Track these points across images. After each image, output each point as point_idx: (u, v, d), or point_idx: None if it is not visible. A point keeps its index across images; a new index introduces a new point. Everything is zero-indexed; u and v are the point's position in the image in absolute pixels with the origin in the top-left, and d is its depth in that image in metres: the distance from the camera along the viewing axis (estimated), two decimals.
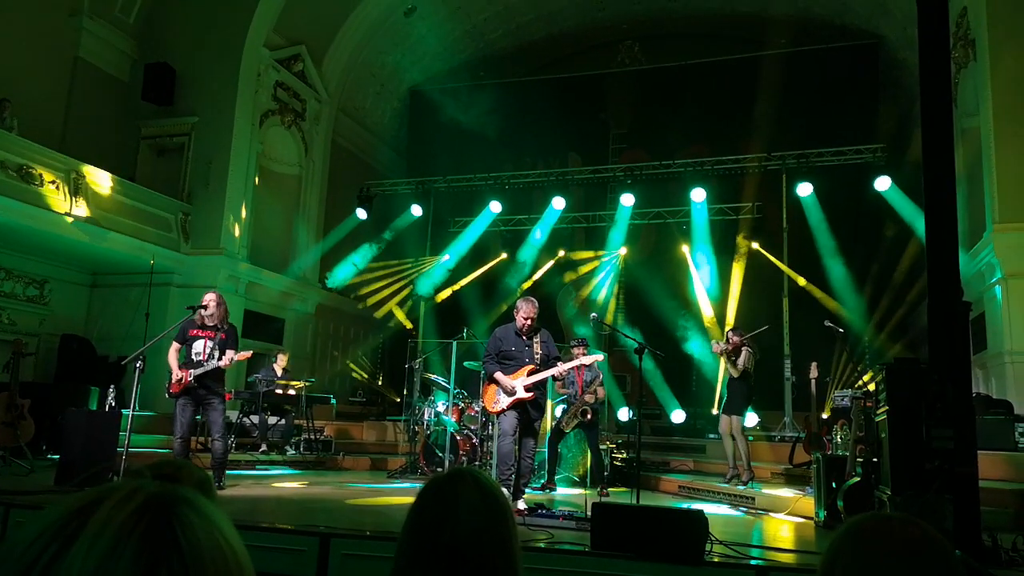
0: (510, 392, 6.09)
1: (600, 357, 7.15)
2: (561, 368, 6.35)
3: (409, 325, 14.69)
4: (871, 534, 1.10)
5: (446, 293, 14.54)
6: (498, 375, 6.16)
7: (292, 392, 10.41)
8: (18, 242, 10.40)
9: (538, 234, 13.89)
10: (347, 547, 4.19)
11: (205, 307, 6.77)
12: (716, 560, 4.00)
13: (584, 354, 7.40)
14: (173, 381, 6.70)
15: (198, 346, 6.74)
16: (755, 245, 12.72)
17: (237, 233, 12.41)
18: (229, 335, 6.87)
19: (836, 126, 12.79)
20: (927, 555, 1.05)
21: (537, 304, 6.38)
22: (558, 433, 8.53)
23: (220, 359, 6.69)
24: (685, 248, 13.23)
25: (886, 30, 13.33)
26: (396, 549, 1.31)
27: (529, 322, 6.24)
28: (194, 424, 7.19)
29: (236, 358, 6.85)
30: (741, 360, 8.23)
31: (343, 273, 14.31)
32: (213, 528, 0.64)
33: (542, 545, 4.35)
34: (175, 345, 6.82)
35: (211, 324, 6.81)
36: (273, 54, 13.17)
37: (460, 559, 1.25)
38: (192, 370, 6.64)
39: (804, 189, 11.88)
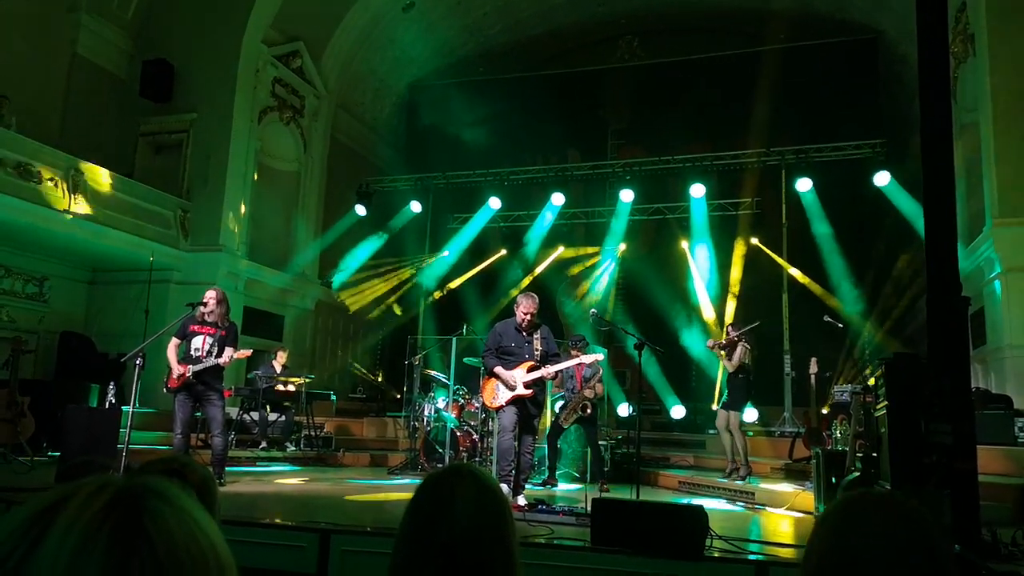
0: (511, 386, 6.09)
1: (600, 356, 7.15)
2: (559, 367, 6.36)
3: (399, 311, 14.73)
4: (852, 510, 1.11)
5: (451, 285, 14.55)
6: (498, 369, 6.17)
7: (292, 388, 10.41)
8: (17, 239, 10.39)
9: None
10: (347, 543, 4.20)
11: (205, 304, 6.77)
12: (716, 555, 4.01)
13: (581, 354, 7.41)
14: (172, 376, 6.70)
15: (197, 342, 6.75)
16: (754, 241, 12.72)
17: (236, 230, 12.40)
18: (229, 333, 6.89)
19: (835, 121, 12.78)
20: (906, 533, 1.05)
21: (537, 300, 6.39)
22: (557, 429, 8.54)
23: (219, 356, 6.69)
24: (684, 244, 13.23)
25: (885, 24, 13.32)
26: (394, 545, 1.31)
27: (529, 317, 6.25)
28: (194, 420, 7.19)
29: (236, 356, 6.88)
30: (736, 355, 8.26)
31: (344, 273, 14.32)
32: (186, 518, 0.63)
33: (542, 541, 4.36)
34: (174, 340, 6.83)
35: (211, 321, 6.81)
36: (271, 50, 13.14)
37: (457, 555, 1.25)
38: (191, 365, 6.64)
39: (803, 184, 11.87)
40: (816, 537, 1.13)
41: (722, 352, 8.41)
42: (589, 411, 8.30)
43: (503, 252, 14.66)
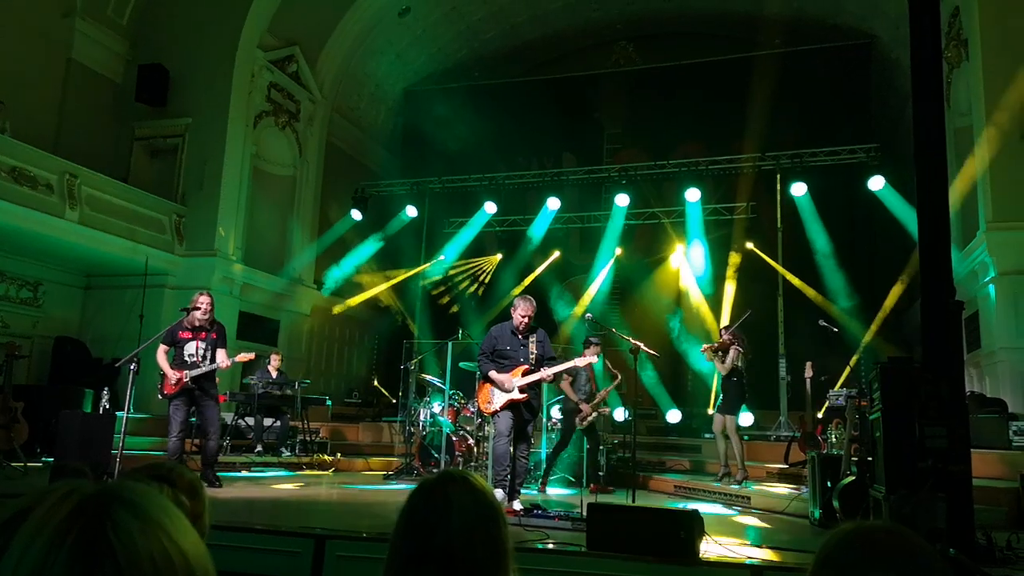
0: (507, 388, 6.08)
1: (595, 359, 7.16)
2: (556, 369, 6.35)
3: (396, 315, 14.76)
4: (857, 544, 1.09)
5: (444, 293, 14.58)
6: (493, 373, 6.16)
7: (289, 393, 10.39)
8: (11, 244, 10.36)
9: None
10: (342, 548, 4.18)
11: (199, 308, 6.80)
12: (711, 559, 4.01)
13: (597, 354, 7.48)
14: (169, 382, 6.73)
15: (191, 348, 6.79)
16: (749, 245, 12.74)
17: (231, 235, 12.39)
18: (220, 334, 6.95)
19: (830, 126, 12.82)
20: (914, 567, 1.05)
21: (535, 303, 6.37)
22: (569, 434, 8.55)
23: (213, 359, 6.75)
24: (679, 248, 13.25)
25: (879, 30, 13.37)
26: (388, 551, 1.31)
27: (527, 320, 6.24)
28: (189, 424, 7.22)
29: (238, 359, 7.01)
30: (729, 358, 8.28)
31: (338, 275, 14.31)
32: (154, 528, 0.61)
33: (538, 546, 4.35)
34: (163, 347, 6.86)
35: (202, 325, 6.84)
36: (267, 55, 13.14)
37: (452, 561, 1.25)
38: (188, 371, 6.68)
39: (798, 189, 11.90)
40: (826, 555, 1.10)
41: (715, 355, 8.43)
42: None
43: (499, 256, 14.66)
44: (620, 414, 11.92)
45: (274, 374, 10.57)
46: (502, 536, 1.33)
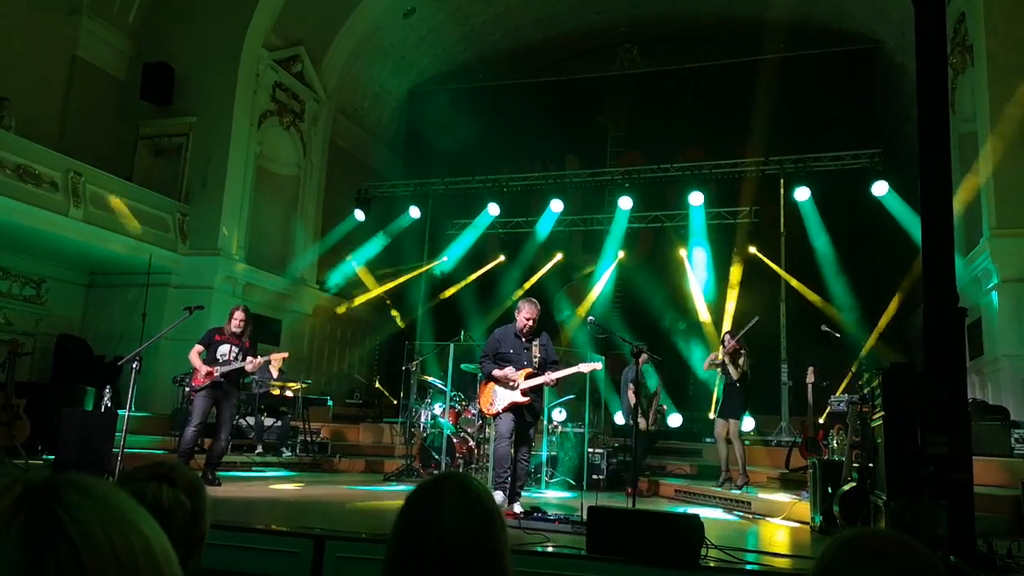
0: (512, 380, 6.06)
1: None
2: (560, 374, 6.33)
3: (398, 317, 14.75)
4: (859, 551, 1.09)
5: (450, 291, 14.56)
6: (496, 371, 6.15)
7: (289, 393, 10.39)
8: (15, 241, 10.38)
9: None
10: (342, 549, 4.18)
11: (233, 320, 7.38)
12: (711, 564, 4.00)
13: (646, 362, 7.61)
14: (199, 376, 7.13)
15: (223, 349, 7.30)
16: (752, 249, 12.72)
17: (235, 234, 12.40)
18: (252, 345, 7.53)
19: (834, 131, 12.81)
20: (916, 574, 1.05)
21: (539, 306, 6.35)
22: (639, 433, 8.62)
23: (243, 361, 7.29)
24: (682, 252, 13.24)
25: (884, 35, 13.36)
26: (385, 554, 1.31)
27: (531, 323, 6.22)
28: (208, 423, 7.39)
29: (272, 357, 7.72)
30: (740, 362, 8.28)
31: (341, 275, 14.32)
32: (109, 510, 0.60)
33: (537, 548, 4.34)
34: (198, 347, 7.32)
35: (238, 333, 7.41)
36: (272, 55, 13.16)
37: (447, 564, 1.25)
38: (219, 367, 7.16)
39: (802, 194, 11.88)
40: (828, 562, 1.11)
41: (732, 362, 8.36)
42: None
43: (501, 258, 14.65)
44: (620, 418, 11.91)
45: (275, 374, 10.58)
46: (498, 538, 1.32)
